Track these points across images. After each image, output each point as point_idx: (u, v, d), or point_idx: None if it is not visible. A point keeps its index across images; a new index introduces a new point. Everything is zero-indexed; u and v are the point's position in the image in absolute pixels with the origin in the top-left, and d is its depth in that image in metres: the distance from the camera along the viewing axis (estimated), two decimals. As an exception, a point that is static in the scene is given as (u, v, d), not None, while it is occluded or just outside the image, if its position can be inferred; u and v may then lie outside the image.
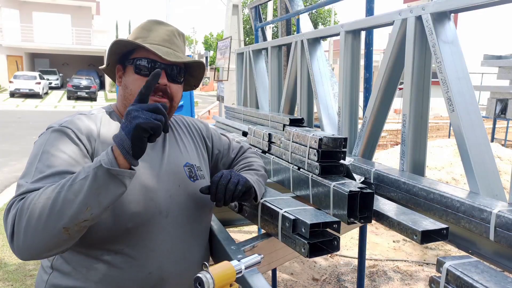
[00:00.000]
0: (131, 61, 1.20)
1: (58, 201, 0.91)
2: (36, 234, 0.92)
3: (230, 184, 1.17)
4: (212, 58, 27.69)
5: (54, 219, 0.91)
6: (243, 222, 1.79)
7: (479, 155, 1.37)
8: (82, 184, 0.92)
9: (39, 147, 1.07)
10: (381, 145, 10.27)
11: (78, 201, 0.91)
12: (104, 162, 0.92)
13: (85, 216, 0.93)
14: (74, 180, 0.93)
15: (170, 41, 1.23)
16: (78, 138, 1.10)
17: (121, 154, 0.93)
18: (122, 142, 0.92)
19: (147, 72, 1.18)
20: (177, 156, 1.28)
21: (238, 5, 9.98)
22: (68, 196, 0.91)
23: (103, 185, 0.92)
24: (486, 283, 0.81)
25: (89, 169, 0.93)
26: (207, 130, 1.46)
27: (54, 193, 0.92)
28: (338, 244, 1.16)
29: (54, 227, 0.92)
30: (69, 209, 0.91)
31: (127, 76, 1.21)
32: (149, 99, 1.01)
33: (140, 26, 1.26)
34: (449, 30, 1.48)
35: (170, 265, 1.18)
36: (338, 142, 1.41)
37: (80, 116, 1.17)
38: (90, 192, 0.92)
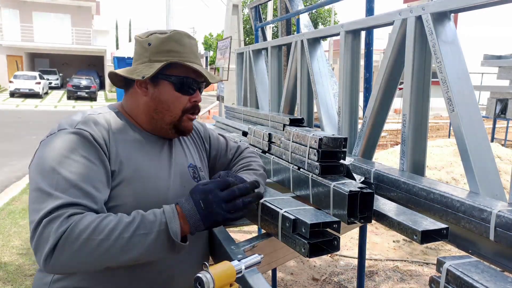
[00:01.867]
0: (170, 77, 1.19)
1: (114, 247, 0.94)
2: (82, 262, 0.94)
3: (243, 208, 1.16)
4: (212, 58, 27.68)
5: (105, 259, 0.95)
6: (243, 222, 1.78)
7: (479, 155, 1.37)
8: (143, 240, 0.97)
9: (57, 150, 1.03)
10: (381, 145, 10.27)
11: (132, 254, 0.96)
12: (172, 231, 0.98)
13: (130, 264, 0.99)
14: (135, 231, 0.96)
15: (197, 56, 1.25)
16: (96, 142, 1.08)
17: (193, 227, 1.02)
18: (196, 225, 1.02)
19: (188, 90, 1.21)
20: (182, 158, 1.29)
21: (238, 5, 9.98)
22: (125, 248, 0.95)
23: (161, 248, 0.99)
24: (486, 283, 0.81)
25: (153, 227, 0.98)
26: (205, 131, 1.47)
27: (113, 237, 0.94)
28: (338, 244, 1.16)
29: (100, 264, 0.96)
30: (121, 257, 0.96)
31: (162, 90, 1.19)
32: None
33: (170, 38, 1.20)
34: (449, 30, 1.48)
35: (179, 263, 1.19)
36: (338, 142, 1.41)
37: (91, 117, 1.14)
38: (147, 251, 0.97)
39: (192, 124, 1.27)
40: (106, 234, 0.93)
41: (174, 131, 1.24)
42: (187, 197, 1.04)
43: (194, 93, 1.22)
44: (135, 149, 1.17)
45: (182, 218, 1.01)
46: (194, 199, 1.03)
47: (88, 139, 1.07)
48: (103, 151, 1.08)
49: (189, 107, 1.22)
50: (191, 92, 1.22)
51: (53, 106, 21.23)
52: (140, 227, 0.97)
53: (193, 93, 1.22)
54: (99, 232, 0.93)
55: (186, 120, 1.23)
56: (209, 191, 1.03)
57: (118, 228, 0.95)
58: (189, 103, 1.22)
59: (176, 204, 1.04)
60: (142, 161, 1.16)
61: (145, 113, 1.22)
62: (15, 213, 5.28)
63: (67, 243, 0.92)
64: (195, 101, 1.23)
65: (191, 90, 1.22)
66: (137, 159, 1.15)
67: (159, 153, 1.23)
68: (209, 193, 1.03)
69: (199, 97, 1.24)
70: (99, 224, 0.94)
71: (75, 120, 1.12)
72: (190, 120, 1.25)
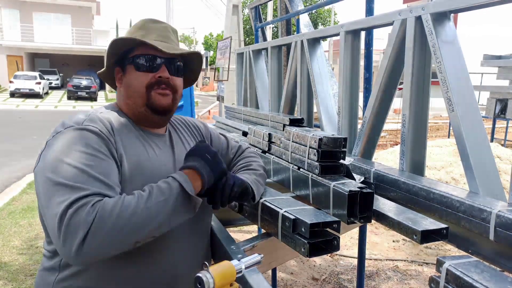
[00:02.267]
0: (131, 59, 1.21)
1: (142, 218, 0.98)
2: (115, 242, 0.96)
3: (226, 186, 1.17)
4: (212, 58, 27.69)
5: (135, 233, 0.98)
6: (243, 222, 1.79)
7: (479, 155, 1.37)
8: (164, 205, 1.02)
9: (67, 146, 1.03)
10: (381, 145, 10.27)
11: (157, 221, 1.01)
12: (188, 189, 1.05)
13: (155, 233, 1.03)
14: (155, 199, 1.01)
15: (166, 37, 1.25)
16: (105, 136, 1.09)
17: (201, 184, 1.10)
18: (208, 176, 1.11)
19: (149, 67, 1.20)
20: (181, 155, 1.28)
21: (238, 5, 9.99)
22: (150, 216, 0.99)
23: (181, 209, 1.05)
24: (486, 283, 0.81)
25: (171, 191, 1.04)
26: (206, 130, 1.47)
27: (138, 210, 0.98)
28: (338, 244, 1.16)
29: (130, 239, 0.99)
30: (148, 226, 0.99)
31: (128, 75, 1.22)
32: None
33: (135, 25, 1.27)
34: (449, 30, 1.48)
35: (182, 262, 1.19)
36: (338, 142, 1.41)
37: (94, 115, 1.15)
38: (169, 214, 1.03)
39: (166, 99, 1.23)
40: (133, 208, 0.97)
41: (151, 111, 1.21)
42: (189, 158, 1.13)
43: (158, 69, 1.21)
44: (137, 146, 1.18)
45: (193, 176, 1.08)
46: (200, 154, 1.13)
47: (98, 134, 1.08)
48: (112, 145, 1.10)
49: (153, 82, 1.20)
50: (154, 69, 1.20)
51: (53, 106, 21.23)
52: (158, 195, 1.02)
53: (157, 69, 1.21)
54: (125, 209, 0.97)
55: (155, 96, 1.20)
56: (208, 147, 1.16)
57: (140, 202, 0.99)
58: (154, 79, 1.20)
59: (182, 169, 1.11)
60: (145, 159, 1.16)
61: (125, 104, 1.24)
62: (15, 213, 5.29)
63: (99, 227, 0.93)
64: (160, 77, 1.20)
65: (153, 67, 1.20)
66: (139, 156, 1.15)
67: (161, 151, 1.24)
68: (208, 147, 1.15)
69: (165, 73, 1.21)
70: (123, 203, 0.97)
71: (80, 118, 1.13)
72: (161, 95, 1.21)
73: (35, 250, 4.21)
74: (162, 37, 1.24)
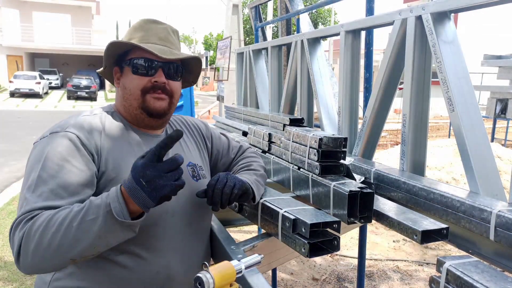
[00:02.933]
0: (128, 61, 1.20)
1: (66, 238, 0.94)
2: (44, 260, 0.95)
3: (226, 188, 1.16)
4: (212, 58, 27.69)
5: (63, 252, 0.95)
6: (243, 222, 1.79)
7: (479, 155, 1.37)
8: (91, 225, 0.94)
9: (41, 153, 1.06)
10: (381, 145, 10.26)
11: (86, 242, 0.95)
12: (115, 211, 0.93)
13: (91, 253, 0.98)
14: (83, 217, 0.94)
15: (165, 39, 1.23)
16: (82, 144, 1.09)
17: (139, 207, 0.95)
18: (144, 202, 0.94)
19: (145, 71, 1.18)
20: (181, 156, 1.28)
21: (238, 5, 9.98)
22: (76, 236, 0.94)
23: (112, 231, 0.95)
24: (486, 283, 0.81)
25: (99, 211, 0.94)
26: (207, 130, 1.46)
27: (63, 227, 0.94)
28: (338, 244, 1.16)
29: (62, 258, 0.96)
30: (76, 247, 0.95)
31: (125, 76, 1.22)
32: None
33: (134, 26, 1.25)
34: (449, 30, 1.48)
35: (177, 263, 1.18)
36: (338, 142, 1.41)
37: (83, 118, 1.16)
38: (98, 236, 0.95)
39: (161, 104, 1.20)
40: (57, 226, 0.94)
41: (146, 114, 1.20)
42: (129, 176, 0.97)
43: (154, 73, 1.18)
44: (128, 149, 1.17)
45: (127, 198, 0.96)
46: (134, 177, 0.94)
47: (73, 142, 1.08)
48: (89, 153, 1.09)
49: (148, 86, 1.18)
50: (150, 73, 1.18)
51: (53, 106, 21.23)
52: (89, 213, 0.95)
53: (153, 73, 1.18)
54: (51, 226, 0.94)
55: (150, 100, 1.18)
56: (146, 167, 0.94)
57: (67, 218, 0.94)
58: (149, 83, 1.18)
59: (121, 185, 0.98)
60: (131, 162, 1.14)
61: (121, 105, 1.24)
62: (15, 213, 5.28)
63: (26, 243, 0.95)
64: (155, 82, 1.18)
65: (149, 71, 1.18)
66: (129, 159, 1.12)
67: None
68: (146, 169, 0.94)
69: (161, 77, 1.18)
70: (51, 218, 0.95)
71: (67, 122, 1.14)
72: (156, 99, 1.19)
73: (35, 250, 4.20)
74: (161, 39, 1.22)
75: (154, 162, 0.95)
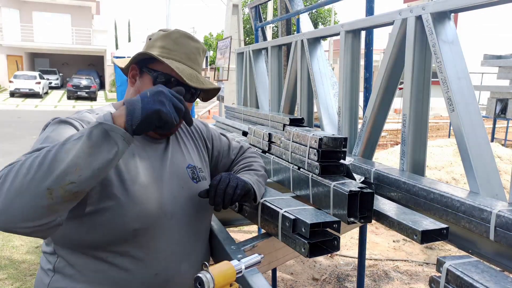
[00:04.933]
0: (152, 71, 1.17)
1: (46, 160, 0.85)
2: (17, 194, 0.84)
3: (228, 188, 1.16)
4: (212, 58, 27.69)
5: (39, 178, 0.84)
6: (243, 222, 1.79)
7: (479, 155, 1.37)
8: (75, 144, 0.87)
9: (43, 134, 1.05)
10: (381, 145, 10.27)
11: (68, 160, 0.85)
12: (99, 119, 0.90)
13: (72, 178, 0.86)
14: (67, 140, 0.89)
15: (194, 60, 1.21)
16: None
17: (125, 119, 0.90)
18: (133, 110, 0.90)
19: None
20: (180, 157, 1.27)
21: (238, 5, 9.99)
22: (57, 155, 0.86)
23: (96, 144, 0.87)
24: (486, 283, 0.81)
25: (84, 130, 0.89)
26: (208, 131, 1.45)
27: (43, 152, 0.87)
28: (338, 244, 1.16)
29: (37, 186, 0.84)
30: (57, 168, 0.85)
31: (143, 82, 1.19)
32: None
33: (168, 35, 1.21)
34: (449, 30, 1.48)
35: (175, 265, 1.18)
36: (338, 142, 1.41)
37: (85, 114, 1.16)
38: (81, 151, 0.86)
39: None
40: (38, 153, 0.88)
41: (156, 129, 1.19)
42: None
43: None
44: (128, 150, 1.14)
45: (120, 114, 0.92)
46: (143, 93, 0.95)
47: (75, 127, 1.06)
48: None
49: None
50: None
51: (53, 106, 21.23)
52: (74, 136, 0.89)
53: None
54: (32, 155, 0.88)
55: None
56: (161, 87, 0.96)
57: (49, 148, 0.88)
58: None
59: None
60: (135, 163, 1.14)
61: None
62: (15, 213, 5.28)
63: (3, 184, 0.86)
64: None
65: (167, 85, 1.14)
66: (129, 161, 1.13)
67: (155, 154, 1.21)
68: (159, 87, 0.95)
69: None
70: (33, 153, 0.90)
71: (69, 116, 1.13)
72: None
73: (35, 250, 4.21)
74: (190, 59, 1.19)
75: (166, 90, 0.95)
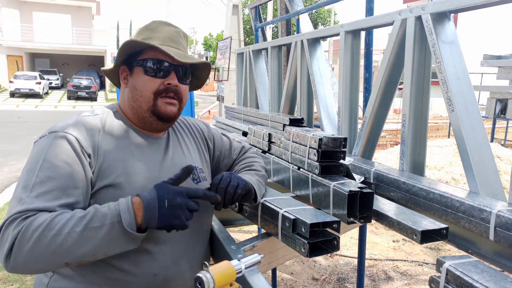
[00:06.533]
0: (140, 62, 1.18)
1: (66, 242, 0.94)
2: (38, 261, 0.94)
3: (229, 187, 1.16)
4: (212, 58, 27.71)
5: (59, 256, 0.95)
6: (243, 222, 1.79)
7: (479, 155, 1.37)
8: (95, 233, 0.95)
9: (40, 154, 1.05)
10: (381, 145, 10.26)
11: (86, 248, 0.95)
12: (125, 222, 0.97)
13: (88, 259, 0.98)
14: (87, 224, 0.95)
15: (177, 41, 1.21)
16: (80, 146, 1.07)
17: (142, 220, 0.99)
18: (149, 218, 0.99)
19: (158, 73, 1.17)
20: (181, 158, 1.27)
21: (238, 5, 9.99)
22: (78, 242, 0.94)
23: (116, 241, 0.97)
24: (486, 283, 0.81)
25: (105, 219, 0.96)
26: (209, 131, 1.45)
27: (65, 231, 0.94)
28: (338, 243, 1.16)
29: (57, 261, 0.96)
30: (75, 252, 0.95)
31: (136, 77, 1.19)
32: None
33: (144, 26, 1.24)
34: (449, 30, 1.48)
35: (174, 266, 1.18)
36: (338, 142, 1.41)
37: (83, 118, 1.15)
38: (101, 244, 0.96)
39: (172, 109, 1.20)
40: (57, 229, 0.94)
41: (156, 117, 1.19)
42: (152, 190, 1.03)
43: (167, 75, 1.17)
44: (128, 152, 1.15)
45: (139, 210, 0.99)
46: (160, 195, 1.01)
47: (71, 144, 1.06)
48: (87, 155, 1.08)
49: (161, 89, 1.17)
50: (163, 75, 1.17)
51: (53, 106, 21.23)
52: (93, 220, 0.96)
53: (166, 75, 1.17)
54: (51, 228, 0.94)
55: (162, 104, 1.18)
56: (179, 193, 1.02)
57: (69, 223, 0.95)
58: (162, 86, 1.17)
59: (137, 195, 1.02)
60: (133, 164, 1.14)
61: (129, 106, 1.22)
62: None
63: (21, 242, 0.93)
64: (169, 84, 1.17)
65: (162, 73, 1.17)
66: (128, 162, 1.13)
67: (154, 155, 1.21)
68: (178, 195, 1.02)
69: (174, 80, 1.17)
70: (52, 221, 0.95)
71: (67, 122, 1.12)
72: (168, 104, 1.18)
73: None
74: (172, 41, 1.20)
75: (187, 196, 1.03)
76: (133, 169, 1.13)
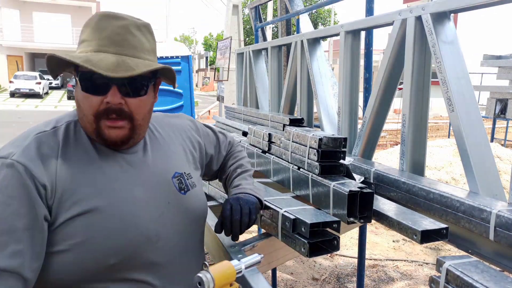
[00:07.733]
0: (78, 73, 0.94)
1: None
2: None
3: (243, 216, 1.11)
4: (212, 58, 27.69)
5: None
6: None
7: (479, 155, 1.37)
8: None
9: None
10: (381, 145, 10.26)
11: None
12: None
13: None
14: None
15: (121, 42, 0.93)
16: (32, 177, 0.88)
17: None
18: None
19: (94, 90, 0.92)
20: (163, 167, 1.08)
21: (238, 5, 9.99)
22: None
23: None
24: (486, 283, 0.81)
25: None
26: (197, 128, 1.28)
27: None
28: (338, 243, 1.16)
29: None
30: None
31: (78, 90, 0.96)
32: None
33: (87, 24, 0.97)
34: (449, 30, 1.48)
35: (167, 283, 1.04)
36: (338, 142, 1.41)
37: (36, 137, 0.94)
38: None
39: (118, 133, 0.95)
40: None
41: (104, 142, 0.97)
42: None
43: (106, 92, 0.91)
44: (96, 169, 0.97)
45: None
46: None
47: (20, 176, 0.87)
48: (41, 187, 0.89)
49: (101, 110, 0.92)
50: (102, 91, 0.92)
51: (53, 106, 21.22)
52: None
53: (105, 92, 0.91)
54: None
55: (105, 128, 0.94)
56: None
57: None
58: (102, 106, 0.92)
59: None
60: (108, 184, 0.96)
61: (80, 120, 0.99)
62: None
63: None
64: (107, 103, 0.92)
65: (99, 89, 0.91)
66: (100, 182, 0.95)
67: (129, 169, 1.01)
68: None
69: (115, 97, 0.91)
70: None
71: (16, 145, 0.92)
72: (111, 128, 0.94)
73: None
74: (116, 44, 0.93)
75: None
76: (109, 190, 0.95)
